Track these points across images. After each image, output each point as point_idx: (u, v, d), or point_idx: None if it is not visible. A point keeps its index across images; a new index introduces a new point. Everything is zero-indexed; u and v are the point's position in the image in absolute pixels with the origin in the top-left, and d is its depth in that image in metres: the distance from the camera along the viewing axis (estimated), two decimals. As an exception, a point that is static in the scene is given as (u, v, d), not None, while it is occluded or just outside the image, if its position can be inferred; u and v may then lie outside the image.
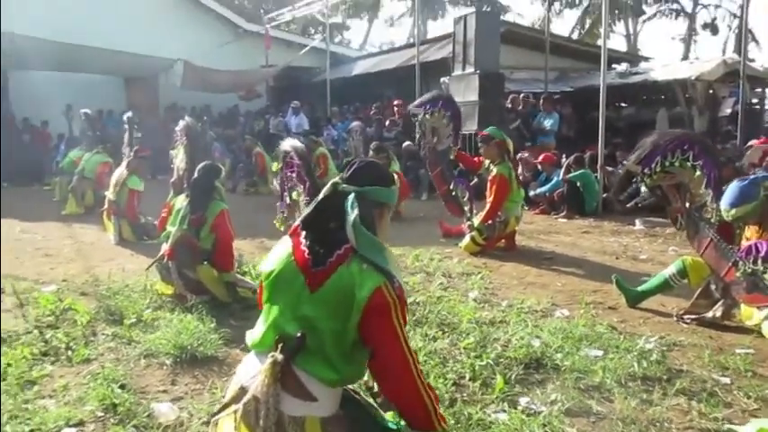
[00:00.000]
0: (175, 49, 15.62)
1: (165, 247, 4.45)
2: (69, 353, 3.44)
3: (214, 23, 18.26)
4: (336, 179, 2.03)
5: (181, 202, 4.48)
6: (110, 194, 7.02)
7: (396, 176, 2.24)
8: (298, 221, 2.07)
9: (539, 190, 9.07)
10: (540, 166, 9.34)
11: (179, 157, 4.89)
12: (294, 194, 2.59)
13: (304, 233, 2.00)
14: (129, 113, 8.00)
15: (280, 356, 1.87)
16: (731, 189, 3.81)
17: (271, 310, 1.99)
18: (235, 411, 1.90)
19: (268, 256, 2.10)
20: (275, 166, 3.36)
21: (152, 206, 6.60)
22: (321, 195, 2.01)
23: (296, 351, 1.88)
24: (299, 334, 1.88)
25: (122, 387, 2.96)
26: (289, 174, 2.51)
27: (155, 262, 4.51)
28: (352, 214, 1.91)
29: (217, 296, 4.35)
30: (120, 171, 7.07)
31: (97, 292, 4.61)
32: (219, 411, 1.99)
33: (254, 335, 2.03)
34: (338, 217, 1.94)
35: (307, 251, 1.95)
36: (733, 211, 3.78)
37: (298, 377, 1.88)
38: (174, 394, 2.97)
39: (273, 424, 1.81)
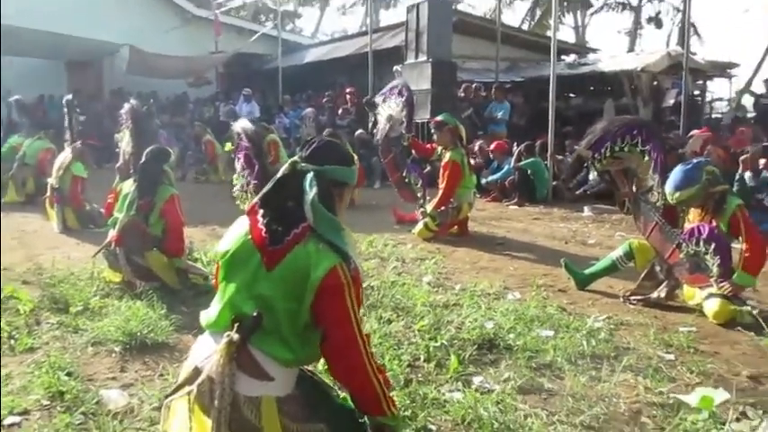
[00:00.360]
0: (120, 34, 15.17)
1: (112, 234, 4.33)
2: (12, 342, 3.31)
3: (161, 7, 17.73)
4: (295, 158, 2.00)
5: (128, 187, 4.35)
6: (52, 181, 6.77)
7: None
8: (255, 199, 2.02)
9: (490, 177, 9.18)
10: (491, 154, 9.46)
11: (124, 141, 4.75)
12: (237, 178, 2.53)
13: (261, 211, 1.96)
14: (68, 97, 7.73)
15: (235, 336, 1.83)
16: (675, 173, 3.94)
17: (226, 290, 1.95)
18: (189, 393, 1.86)
19: (224, 235, 2.06)
20: (228, 147, 3.30)
21: (98, 193, 6.40)
22: (279, 173, 1.97)
23: (252, 330, 1.84)
24: (255, 313, 1.85)
25: (69, 375, 2.86)
26: (237, 156, 2.46)
27: (102, 248, 4.38)
28: (311, 193, 1.88)
29: (167, 283, 4.24)
30: (64, 156, 6.82)
31: (40, 281, 4.45)
32: (172, 393, 1.95)
33: (209, 315, 1.98)
34: (296, 195, 1.91)
35: (264, 229, 1.92)
36: (677, 194, 3.90)
37: (253, 357, 1.85)
38: (124, 381, 2.90)
39: (229, 404, 1.78)
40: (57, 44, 14.38)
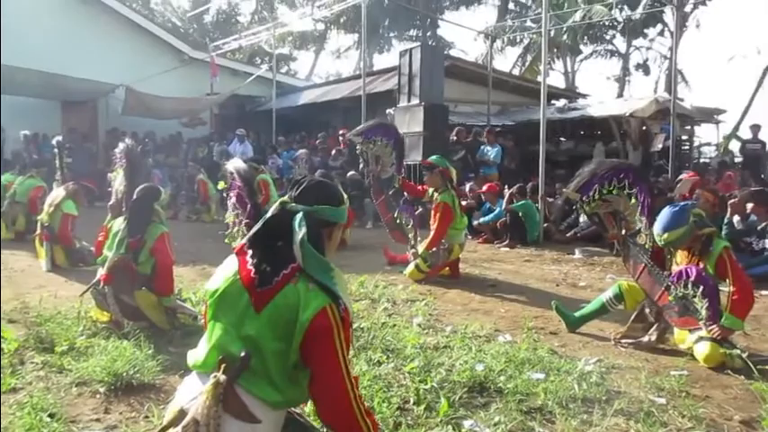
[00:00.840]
0: (117, 74, 15.34)
1: (101, 272, 4.30)
2: (-6, 382, 3.26)
3: (158, 49, 17.96)
4: (285, 197, 2.00)
5: (118, 225, 4.34)
6: (43, 217, 6.74)
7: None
8: (244, 240, 2.02)
9: (482, 219, 9.22)
10: (483, 196, 9.53)
11: (118, 180, 4.75)
12: (230, 216, 2.56)
13: (251, 251, 1.96)
14: (59, 138, 7.78)
15: (222, 377, 1.81)
16: (663, 215, 3.98)
17: (214, 330, 1.94)
18: None
19: (214, 274, 2.05)
20: (221, 185, 3.30)
21: (89, 232, 6.37)
22: (269, 213, 1.97)
23: (239, 372, 1.83)
24: (243, 353, 1.83)
25: (51, 416, 2.81)
26: (230, 195, 2.49)
27: (90, 287, 4.34)
28: (300, 233, 1.89)
29: (156, 322, 4.20)
30: (56, 194, 6.81)
31: (26, 319, 4.39)
32: None
33: (196, 355, 1.96)
34: (285, 235, 1.91)
35: (253, 270, 1.91)
36: (665, 236, 3.93)
37: (240, 399, 1.82)
38: (108, 422, 2.84)
39: None
40: (52, 84, 14.47)
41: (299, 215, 1.92)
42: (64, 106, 17.12)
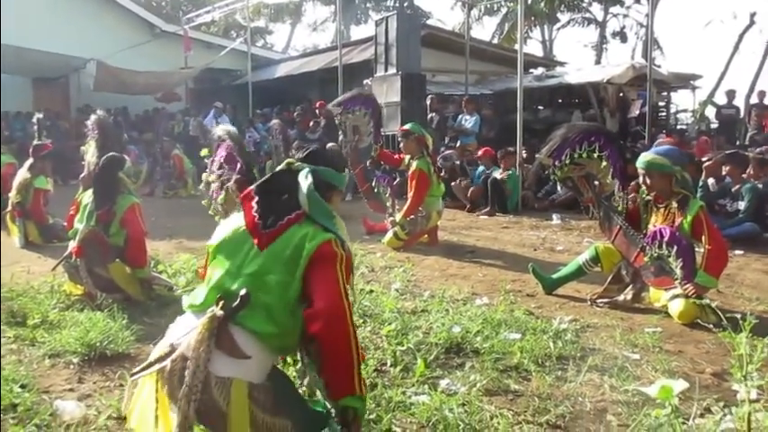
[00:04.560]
0: (87, 49, 14.98)
1: (72, 245, 4.23)
2: (-36, 356, 3.20)
3: (129, 22, 17.53)
4: (290, 159, 2.12)
5: (88, 197, 4.26)
6: (13, 197, 6.60)
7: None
8: (252, 186, 2.07)
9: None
10: (479, 161, 9.55)
11: (90, 152, 4.65)
12: (211, 177, 2.61)
13: (257, 198, 2.01)
14: (40, 115, 7.60)
15: (219, 312, 1.84)
16: (666, 145, 4.00)
17: (214, 273, 1.99)
18: (159, 371, 1.84)
19: (216, 231, 2.14)
20: (204, 152, 3.31)
21: (63, 209, 6.26)
22: (276, 170, 2.10)
23: (237, 309, 1.85)
24: (243, 292, 1.86)
25: (23, 387, 2.77)
26: (219, 157, 2.58)
27: (61, 260, 4.28)
28: (307, 182, 2.00)
29: (131, 294, 4.15)
30: (23, 174, 6.63)
31: (-2, 295, 4.32)
32: (141, 371, 1.90)
33: (193, 297, 2.01)
34: (291, 190, 2.01)
35: (257, 216, 1.98)
36: (649, 157, 3.97)
37: (232, 336, 1.85)
38: (81, 392, 2.81)
39: (200, 383, 1.75)
40: (23, 59, 14.06)
41: (306, 170, 2.05)
42: (35, 83, 16.75)
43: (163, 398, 1.85)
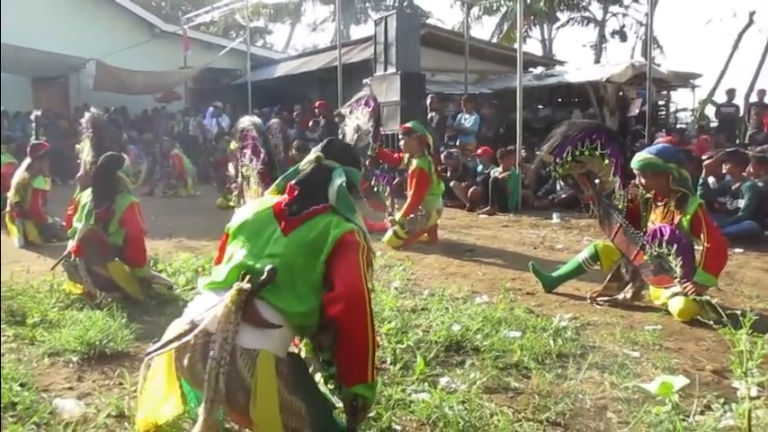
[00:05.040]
0: (87, 48, 14.96)
1: (71, 244, 4.22)
2: (-37, 355, 3.20)
3: (128, 22, 17.50)
4: (319, 153, 2.19)
5: (87, 196, 4.25)
6: (11, 197, 6.59)
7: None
8: (294, 180, 2.14)
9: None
10: (478, 159, 9.57)
11: (85, 151, 4.64)
12: (245, 170, 2.65)
13: (298, 189, 2.10)
14: (38, 113, 7.60)
15: (246, 285, 1.85)
16: (660, 144, 3.99)
17: (235, 253, 2.02)
18: (177, 349, 1.83)
19: (235, 214, 2.20)
20: (232, 145, 3.34)
21: (62, 209, 6.27)
22: (308, 167, 2.17)
23: (264, 284, 1.87)
24: (269, 267, 1.89)
25: (22, 385, 2.76)
26: (244, 149, 2.63)
27: (61, 259, 4.27)
28: (339, 179, 2.11)
29: (130, 293, 4.14)
30: (21, 175, 6.62)
31: (-4, 294, 4.31)
32: (159, 349, 1.89)
33: (213, 276, 2.03)
34: (322, 185, 2.10)
35: (286, 202, 2.07)
36: (643, 156, 4.00)
37: (257, 310, 1.86)
38: (81, 390, 2.81)
39: (228, 355, 1.75)
40: (21, 58, 14.06)
41: (340, 169, 2.15)
42: (34, 83, 16.75)
43: (173, 377, 1.86)
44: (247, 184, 2.98)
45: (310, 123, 12.73)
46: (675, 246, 3.84)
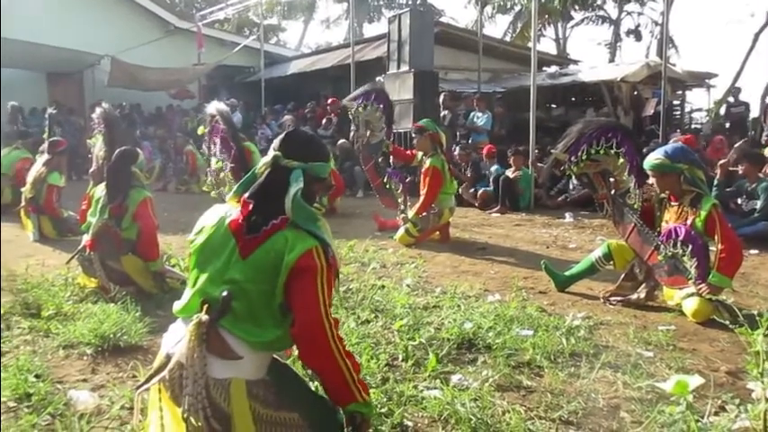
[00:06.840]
0: (102, 45, 15.04)
1: (86, 239, 4.26)
2: (-20, 347, 3.23)
3: (143, 19, 17.60)
4: (277, 153, 2.00)
5: (100, 191, 4.28)
6: (26, 192, 6.65)
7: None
8: (246, 192, 1.97)
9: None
10: (483, 157, 9.53)
11: (97, 146, 4.68)
12: (215, 162, 2.56)
13: (252, 203, 1.93)
14: (52, 110, 7.65)
15: (204, 316, 1.82)
16: (672, 144, 3.96)
17: (198, 277, 1.94)
18: (161, 381, 1.83)
19: (198, 222, 2.06)
20: (201, 130, 3.29)
21: (76, 204, 6.32)
22: (264, 168, 1.99)
23: (222, 312, 1.83)
24: (224, 294, 1.83)
25: (38, 377, 2.80)
26: (214, 139, 2.49)
27: (76, 254, 4.31)
28: (295, 187, 1.92)
29: (143, 287, 4.18)
30: (38, 169, 6.69)
31: (13, 287, 4.35)
32: (144, 383, 1.90)
33: (180, 303, 1.97)
34: (280, 190, 1.93)
35: (242, 218, 1.92)
36: (653, 158, 3.96)
37: (223, 338, 1.83)
38: (95, 382, 2.84)
39: (202, 389, 1.75)
40: (36, 54, 14.16)
41: (297, 171, 1.95)
42: (49, 78, 16.87)
43: (168, 403, 1.84)
44: (218, 176, 2.93)
45: (323, 121, 12.74)
46: (690, 246, 3.81)
